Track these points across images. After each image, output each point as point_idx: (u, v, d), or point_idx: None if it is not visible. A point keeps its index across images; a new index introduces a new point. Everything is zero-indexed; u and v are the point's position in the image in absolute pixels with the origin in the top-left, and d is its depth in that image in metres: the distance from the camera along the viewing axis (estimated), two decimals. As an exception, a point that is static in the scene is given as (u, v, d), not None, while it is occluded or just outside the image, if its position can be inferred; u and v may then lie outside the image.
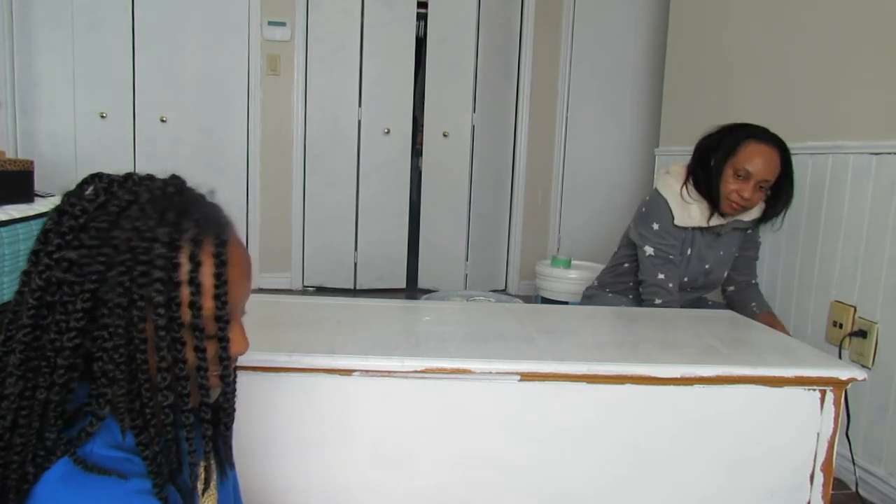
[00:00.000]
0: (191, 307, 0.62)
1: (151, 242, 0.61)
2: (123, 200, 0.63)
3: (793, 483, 1.15)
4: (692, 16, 2.94)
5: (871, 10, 1.88)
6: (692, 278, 1.87)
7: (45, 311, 0.61)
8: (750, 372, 1.10)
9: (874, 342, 1.78)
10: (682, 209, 1.78)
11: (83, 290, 0.60)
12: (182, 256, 0.62)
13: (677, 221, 1.78)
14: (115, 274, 0.60)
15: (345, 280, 4.07)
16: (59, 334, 0.60)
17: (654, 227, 1.80)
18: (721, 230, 1.83)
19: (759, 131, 1.76)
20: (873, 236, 1.81)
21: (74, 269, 0.60)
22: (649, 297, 1.80)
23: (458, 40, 3.99)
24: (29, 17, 3.68)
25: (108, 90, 3.81)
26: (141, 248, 0.60)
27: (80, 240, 0.61)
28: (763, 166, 1.71)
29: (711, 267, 1.87)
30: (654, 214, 1.81)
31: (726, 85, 2.60)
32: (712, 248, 1.86)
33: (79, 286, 0.60)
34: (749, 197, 1.72)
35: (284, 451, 1.06)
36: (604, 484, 1.11)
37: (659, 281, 1.78)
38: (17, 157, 3.41)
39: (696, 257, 1.85)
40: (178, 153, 3.91)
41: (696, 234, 1.83)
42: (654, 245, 1.80)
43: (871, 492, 1.77)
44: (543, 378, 1.06)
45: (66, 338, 0.60)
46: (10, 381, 0.60)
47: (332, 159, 3.99)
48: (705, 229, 1.82)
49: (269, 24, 3.82)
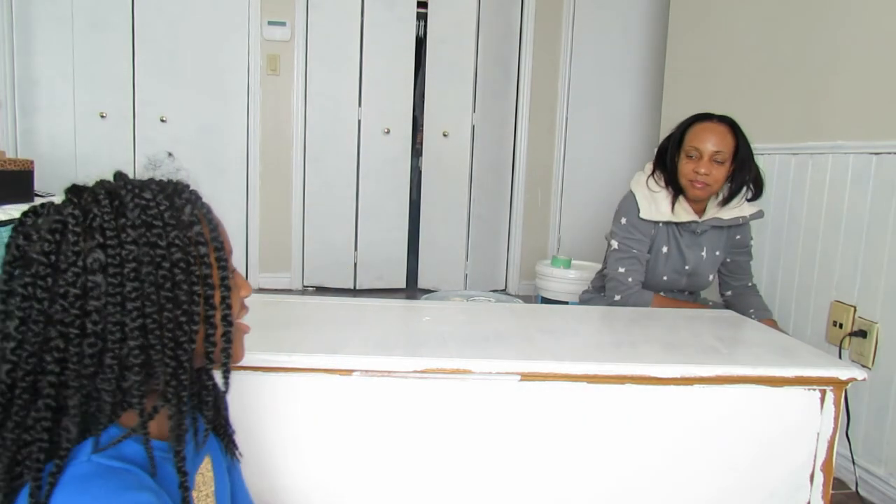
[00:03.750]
0: (215, 263, 0.69)
1: (169, 226, 0.64)
2: (132, 200, 0.64)
3: (793, 483, 1.15)
4: (692, 16, 2.94)
5: (871, 9, 1.88)
6: (672, 279, 1.86)
7: (91, 319, 0.60)
8: (750, 372, 1.10)
9: (874, 342, 1.78)
10: (648, 202, 1.79)
11: (130, 290, 0.61)
12: (196, 228, 0.67)
13: (643, 214, 1.77)
14: (151, 266, 0.62)
15: (345, 280, 4.07)
16: (121, 341, 0.60)
17: (622, 222, 1.81)
18: (697, 227, 1.81)
19: (702, 115, 1.79)
20: (873, 236, 1.81)
21: (110, 271, 0.60)
22: (610, 293, 1.81)
23: (458, 40, 3.99)
24: (29, 16, 3.68)
25: (108, 90, 3.81)
26: (170, 236, 0.64)
27: (117, 240, 0.62)
28: (710, 140, 1.72)
29: (693, 268, 1.85)
30: (623, 209, 1.83)
31: (726, 85, 2.60)
32: (692, 248, 1.84)
33: (121, 287, 0.61)
34: (707, 172, 1.71)
35: (284, 451, 1.06)
36: (604, 484, 1.11)
37: (619, 275, 1.78)
38: (17, 156, 3.41)
39: (676, 256, 1.83)
40: (178, 153, 3.91)
41: (671, 232, 1.82)
42: (619, 239, 1.81)
43: (871, 492, 1.77)
44: (543, 378, 1.06)
45: (130, 342, 0.60)
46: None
47: (332, 159, 3.99)
48: (681, 226, 1.80)
49: (269, 23, 3.82)
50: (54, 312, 0.59)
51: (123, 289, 0.60)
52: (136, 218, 0.63)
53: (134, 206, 0.63)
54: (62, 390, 0.59)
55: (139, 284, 0.61)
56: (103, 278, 0.60)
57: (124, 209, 0.63)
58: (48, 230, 0.61)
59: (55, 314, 0.59)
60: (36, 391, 0.59)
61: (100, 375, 0.60)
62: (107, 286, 0.60)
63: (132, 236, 0.62)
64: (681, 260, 1.83)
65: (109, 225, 0.61)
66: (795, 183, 2.14)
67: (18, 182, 2.25)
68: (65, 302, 0.59)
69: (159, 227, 0.63)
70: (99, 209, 0.62)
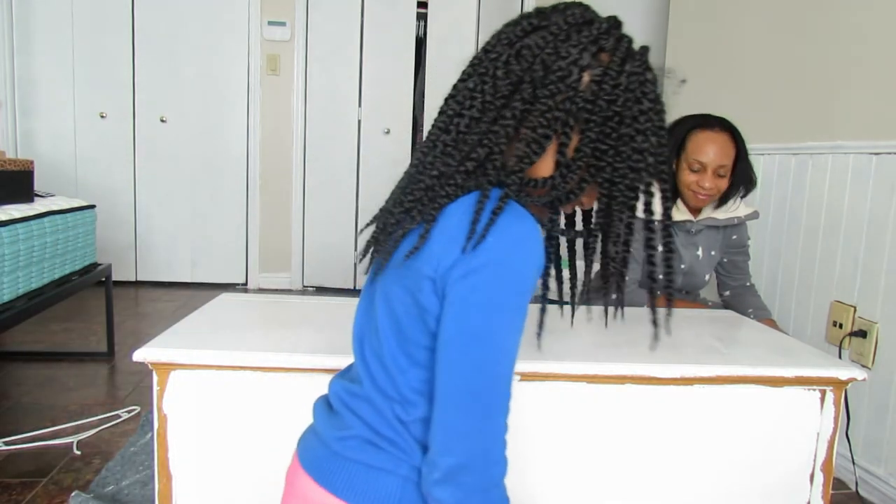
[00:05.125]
0: None
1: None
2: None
3: (793, 483, 1.15)
4: (692, 16, 2.94)
5: (871, 9, 1.88)
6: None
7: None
8: (750, 372, 1.10)
9: (874, 342, 1.78)
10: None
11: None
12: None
13: (638, 214, 1.77)
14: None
15: (345, 280, 4.07)
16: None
17: None
18: (692, 227, 1.81)
19: (702, 119, 1.75)
20: (873, 236, 1.81)
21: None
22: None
23: (458, 40, 3.99)
24: (29, 17, 3.68)
25: (108, 90, 3.81)
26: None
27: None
28: (715, 153, 1.69)
29: (689, 267, 1.85)
30: None
31: (726, 85, 2.60)
32: (687, 248, 1.84)
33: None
34: (710, 186, 1.71)
35: (283, 451, 1.06)
36: (604, 484, 1.11)
37: None
38: (17, 157, 3.41)
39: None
40: (178, 153, 3.91)
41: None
42: None
43: (871, 492, 1.77)
44: (543, 378, 1.06)
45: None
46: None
47: (331, 159, 3.99)
48: (676, 226, 1.79)
49: (269, 24, 3.82)
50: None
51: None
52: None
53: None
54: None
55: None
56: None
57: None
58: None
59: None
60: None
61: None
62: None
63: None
64: (676, 259, 1.83)
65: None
66: (795, 183, 2.14)
67: (18, 182, 2.24)
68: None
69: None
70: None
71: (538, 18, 0.70)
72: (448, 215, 0.66)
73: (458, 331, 0.62)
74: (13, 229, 1.97)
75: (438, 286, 0.64)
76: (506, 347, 0.64)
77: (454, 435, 0.63)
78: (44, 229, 2.14)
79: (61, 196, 2.55)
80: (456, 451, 0.63)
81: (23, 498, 1.54)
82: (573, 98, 0.66)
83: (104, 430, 1.92)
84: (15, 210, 2.06)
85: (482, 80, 0.68)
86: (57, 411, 2.04)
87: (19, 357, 2.56)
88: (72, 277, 2.38)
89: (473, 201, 0.65)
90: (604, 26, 0.68)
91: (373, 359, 0.70)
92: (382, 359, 0.68)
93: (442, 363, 0.63)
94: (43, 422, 1.95)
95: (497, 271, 0.62)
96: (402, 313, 0.67)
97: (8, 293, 1.96)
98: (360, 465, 0.67)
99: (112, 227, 3.82)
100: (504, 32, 0.71)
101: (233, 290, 3.92)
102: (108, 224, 3.70)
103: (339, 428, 0.71)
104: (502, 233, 0.62)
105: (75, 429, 1.92)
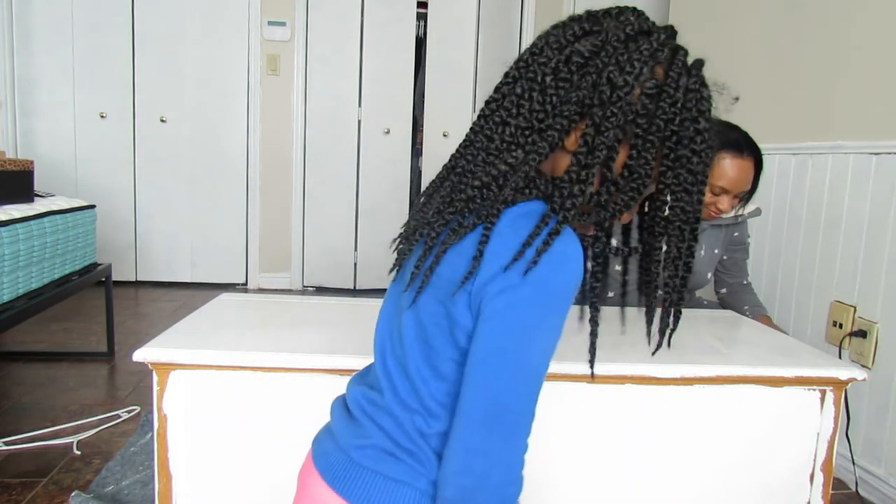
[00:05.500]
0: None
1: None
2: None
3: (793, 483, 1.15)
4: (692, 16, 2.94)
5: (871, 10, 1.88)
6: None
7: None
8: (750, 372, 1.10)
9: (874, 342, 1.78)
10: None
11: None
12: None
13: None
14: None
15: (345, 280, 4.07)
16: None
17: None
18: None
19: (731, 139, 1.67)
20: (873, 236, 1.81)
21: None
22: (604, 291, 1.79)
23: (458, 40, 3.99)
24: (29, 17, 3.68)
25: (108, 90, 3.81)
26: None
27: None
28: (740, 180, 1.66)
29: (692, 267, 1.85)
30: None
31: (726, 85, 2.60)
32: None
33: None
34: (726, 209, 1.69)
35: (283, 450, 1.06)
36: (604, 483, 1.11)
37: (614, 272, 1.77)
38: (17, 157, 3.41)
39: None
40: (178, 153, 3.91)
41: None
42: (617, 236, 1.79)
43: (871, 492, 1.77)
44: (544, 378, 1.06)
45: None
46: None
47: (331, 159, 3.99)
48: None
49: (269, 24, 3.82)
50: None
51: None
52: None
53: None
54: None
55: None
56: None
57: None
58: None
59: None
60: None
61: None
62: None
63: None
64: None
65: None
66: (795, 183, 2.14)
67: (18, 182, 2.24)
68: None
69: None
70: None
71: (589, 22, 0.66)
72: (495, 232, 0.63)
73: (492, 348, 0.61)
74: (13, 229, 1.97)
75: (474, 301, 0.62)
76: (537, 367, 0.62)
77: (475, 454, 0.61)
78: (44, 229, 2.14)
79: (61, 196, 2.55)
80: (475, 471, 0.61)
81: (23, 498, 1.54)
82: (626, 112, 0.63)
83: (104, 430, 1.92)
84: (15, 210, 2.06)
85: (530, 87, 0.65)
86: (57, 411, 2.04)
87: (19, 357, 2.56)
88: (72, 277, 2.38)
89: (523, 219, 0.63)
90: (661, 38, 0.65)
91: (396, 368, 0.69)
92: (406, 369, 0.67)
93: (471, 380, 0.61)
94: (43, 422, 1.95)
95: (537, 289, 0.60)
96: (431, 324, 0.65)
97: (8, 293, 1.96)
98: (379, 475, 0.66)
99: (112, 227, 3.82)
100: (553, 34, 0.67)
101: (233, 290, 3.92)
102: (108, 224, 3.70)
103: (358, 436, 0.70)
104: (549, 254, 0.60)
105: (75, 429, 1.92)
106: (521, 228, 0.62)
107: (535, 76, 0.65)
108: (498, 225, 0.63)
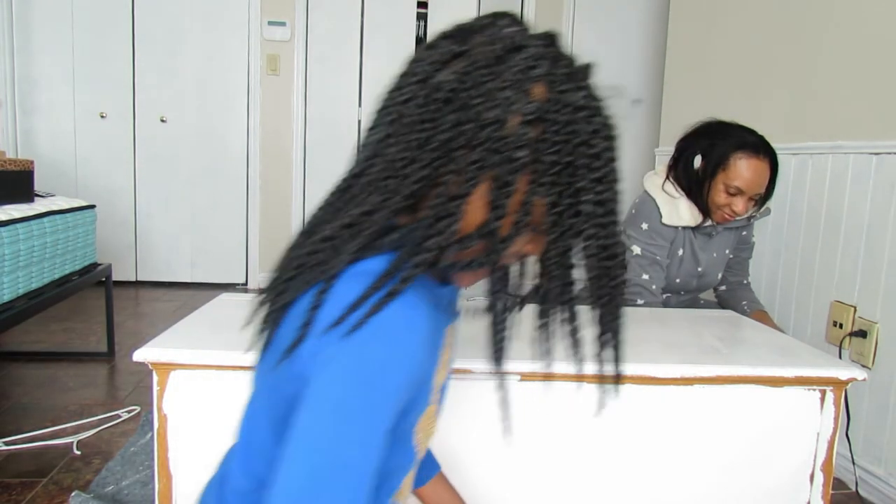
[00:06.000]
0: None
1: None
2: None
3: (793, 483, 1.15)
4: (692, 16, 2.94)
5: (872, 10, 1.88)
6: (685, 281, 1.85)
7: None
8: (750, 372, 1.10)
9: (874, 342, 1.78)
10: (670, 207, 1.76)
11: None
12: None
13: (665, 220, 1.75)
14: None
15: (345, 280, 4.07)
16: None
17: (643, 227, 1.78)
18: (713, 231, 1.81)
19: (749, 141, 1.67)
20: (873, 236, 1.81)
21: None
22: (632, 297, 1.79)
23: (458, 40, 3.98)
24: (29, 16, 3.68)
25: (108, 90, 3.81)
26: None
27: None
28: (756, 182, 1.66)
29: (705, 269, 1.85)
30: (644, 214, 1.79)
31: (726, 85, 2.60)
32: (705, 250, 1.84)
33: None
34: (742, 210, 1.69)
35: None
36: (604, 483, 1.11)
37: (643, 281, 1.77)
38: (17, 157, 3.41)
39: (690, 259, 1.83)
40: (178, 153, 3.91)
41: (687, 235, 1.80)
42: (641, 245, 1.78)
43: (871, 492, 1.77)
44: (543, 378, 1.06)
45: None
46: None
47: (331, 159, 3.99)
48: (696, 229, 1.80)
49: (269, 24, 3.82)
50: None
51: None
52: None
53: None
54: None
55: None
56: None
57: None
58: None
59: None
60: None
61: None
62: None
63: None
64: (694, 262, 1.83)
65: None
66: (795, 183, 2.14)
67: (18, 182, 2.24)
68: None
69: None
70: None
71: (457, 42, 0.57)
72: (330, 293, 0.54)
73: (299, 427, 0.50)
74: (13, 229, 1.97)
75: (296, 368, 0.53)
76: (349, 462, 0.48)
77: None
78: (44, 229, 2.14)
79: (61, 196, 2.55)
80: None
81: (23, 498, 1.54)
82: (499, 149, 0.53)
83: (104, 430, 1.92)
84: (15, 210, 2.06)
85: (386, 132, 0.57)
86: (57, 411, 2.04)
87: (19, 357, 2.56)
88: (72, 277, 2.38)
89: (362, 276, 0.53)
90: (536, 50, 0.54)
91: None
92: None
93: (278, 468, 0.50)
94: (43, 422, 1.95)
95: (355, 360, 0.49)
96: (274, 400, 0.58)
97: (8, 293, 1.96)
98: None
99: (112, 227, 3.82)
100: (418, 62, 0.58)
101: (233, 290, 3.92)
102: (108, 224, 3.70)
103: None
104: (378, 318, 0.50)
105: (75, 429, 1.92)
106: (355, 287, 0.52)
107: (397, 118, 0.56)
108: (335, 285, 0.54)
